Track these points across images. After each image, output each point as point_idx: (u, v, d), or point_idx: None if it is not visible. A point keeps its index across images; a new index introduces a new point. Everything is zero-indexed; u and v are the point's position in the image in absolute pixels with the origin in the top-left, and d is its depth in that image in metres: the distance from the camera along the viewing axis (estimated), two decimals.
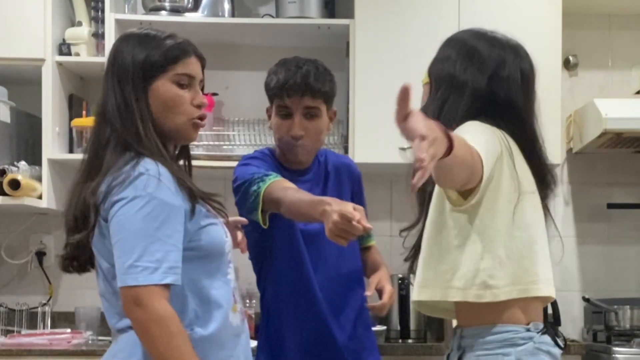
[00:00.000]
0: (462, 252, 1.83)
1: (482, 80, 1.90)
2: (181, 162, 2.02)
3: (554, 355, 1.87)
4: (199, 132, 1.98)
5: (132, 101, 1.85)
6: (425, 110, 1.90)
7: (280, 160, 2.51)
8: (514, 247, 1.83)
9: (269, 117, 2.52)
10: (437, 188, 1.88)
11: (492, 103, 1.90)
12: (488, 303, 1.81)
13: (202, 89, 1.97)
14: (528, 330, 1.84)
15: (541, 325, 1.87)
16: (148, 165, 1.79)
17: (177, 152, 2.00)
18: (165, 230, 1.74)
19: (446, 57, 1.96)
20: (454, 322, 2.01)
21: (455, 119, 1.87)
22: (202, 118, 1.93)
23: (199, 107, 1.92)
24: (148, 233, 1.73)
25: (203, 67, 1.98)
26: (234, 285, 1.94)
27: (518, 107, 1.90)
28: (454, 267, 1.84)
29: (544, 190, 1.95)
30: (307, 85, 2.39)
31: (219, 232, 1.88)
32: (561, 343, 1.90)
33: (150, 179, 1.76)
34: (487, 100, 1.90)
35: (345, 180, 2.57)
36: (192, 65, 1.92)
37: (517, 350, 1.81)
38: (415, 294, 1.94)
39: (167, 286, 1.74)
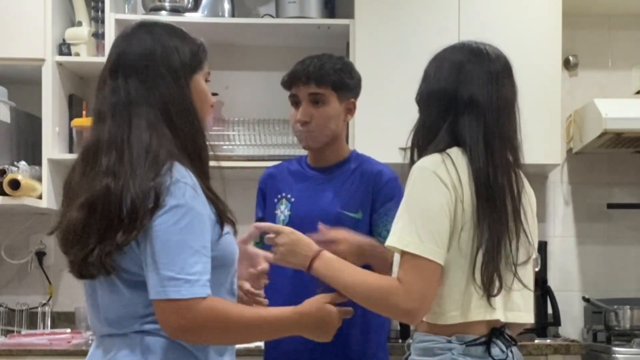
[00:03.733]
0: None
1: (448, 84, 1.97)
2: None
3: None
4: None
5: (189, 98, 1.83)
6: (414, 131, 2.02)
7: (309, 162, 2.68)
8: (457, 275, 1.89)
9: None
10: None
11: (457, 101, 1.95)
12: None
13: None
14: (449, 342, 1.90)
15: (469, 338, 1.90)
16: (182, 171, 1.75)
17: None
18: (201, 241, 1.74)
19: (424, 78, 2.05)
20: None
21: (432, 126, 1.97)
22: None
23: (211, 105, 1.98)
24: (188, 244, 1.72)
25: None
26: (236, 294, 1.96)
27: (479, 104, 1.94)
28: None
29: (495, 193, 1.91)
30: (309, 73, 2.54)
31: (232, 241, 1.87)
32: (500, 355, 1.93)
33: (187, 187, 1.74)
34: (454, 100, 1.95)
35: (368, 188, 2.62)
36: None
37: None
38: None
39: (205, 298, 1.74)
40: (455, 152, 1.92)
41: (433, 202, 1.86)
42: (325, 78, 2.54)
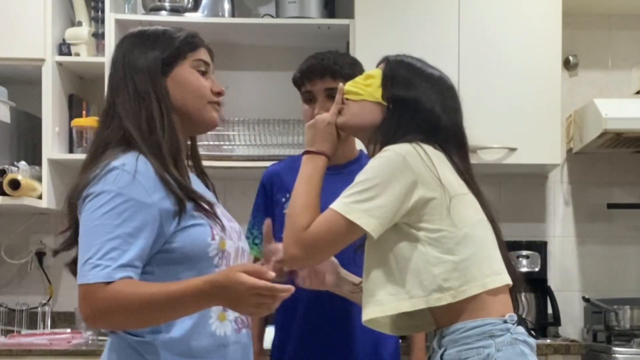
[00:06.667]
0: (417, 263, 1.89)
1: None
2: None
3: (530, 344, 1.91)
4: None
5: (148, 93, 1.81)
6: (384, 128, 2.00)
7: None
8: (461, 247, 1.88)
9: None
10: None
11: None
12: (462, 302, 1.87)
13: None
14: (505, 322, 1.89)
15: (516, 317, 1.91)
16: (126, 159, 1.72)
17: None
18: (126, 228, 1.67)
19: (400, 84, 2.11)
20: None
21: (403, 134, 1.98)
22: (219, 103, 1.95)
23: (218, 94, 1.93)
24: (107, 230, 1.66)
25: (212, 59, 1.98)
26: None
27: (436, 114, 1.99)
28: (414, 279, 1.89)
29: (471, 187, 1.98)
30: (325, 67, 2.46)
31: (202, 234, 1.77)
32: (533, 333, 1.97)
33: (123, 174, 1.70)
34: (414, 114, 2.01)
35: None
36: (206, 55, 1.93)
37: (496, 342, 1.86)
38: (374, 312, 1.92)
39: (111, 282, 1.66)
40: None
41: (394, 171, 1.89)
42: (341, 72, 2.49)
